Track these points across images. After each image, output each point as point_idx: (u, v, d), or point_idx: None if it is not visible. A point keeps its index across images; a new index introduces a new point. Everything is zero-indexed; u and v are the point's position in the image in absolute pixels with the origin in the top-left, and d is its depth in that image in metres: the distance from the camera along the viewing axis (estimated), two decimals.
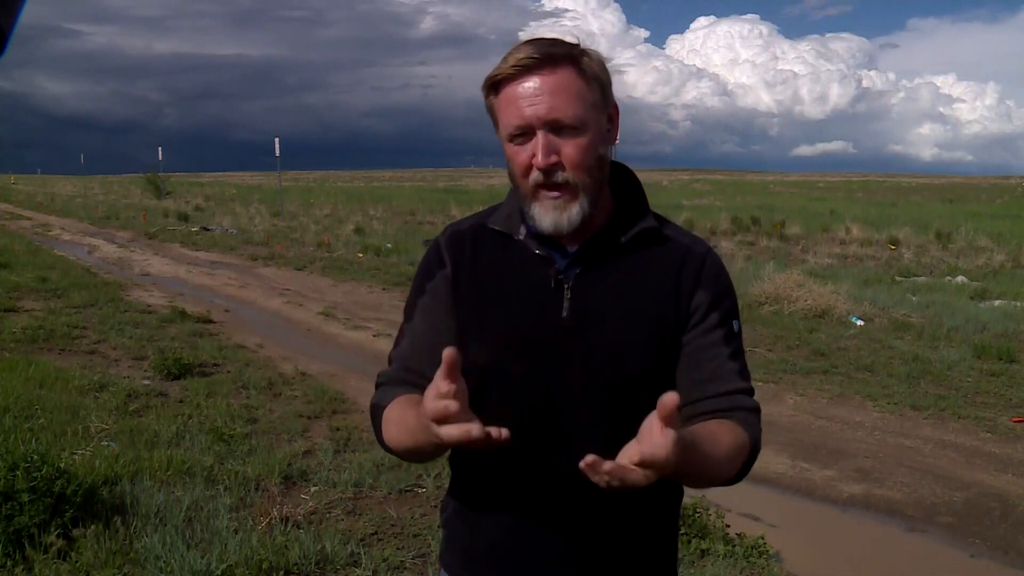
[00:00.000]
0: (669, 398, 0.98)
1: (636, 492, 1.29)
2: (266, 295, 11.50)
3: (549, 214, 1.25)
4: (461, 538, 1.40)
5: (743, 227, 21.50)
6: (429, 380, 1.22)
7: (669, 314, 1.28)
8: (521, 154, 1.25)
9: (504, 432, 1.03)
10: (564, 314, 1.28)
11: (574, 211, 1.25)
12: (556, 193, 1.25)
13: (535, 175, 1.25)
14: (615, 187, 1.34)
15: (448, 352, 1.02)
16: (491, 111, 1.30)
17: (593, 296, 1.29)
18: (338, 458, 4.59)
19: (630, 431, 1.21)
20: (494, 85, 1.27)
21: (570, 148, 1.23)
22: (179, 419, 5.08)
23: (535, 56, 1.22)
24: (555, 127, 1.23)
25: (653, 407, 1.28)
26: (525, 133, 1.24)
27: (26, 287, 10.46)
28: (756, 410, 1.31)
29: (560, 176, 1.24)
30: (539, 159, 1.22)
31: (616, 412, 1.27)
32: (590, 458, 0.99)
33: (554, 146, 1.23)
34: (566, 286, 1.29)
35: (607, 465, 0.99)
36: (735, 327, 1.32)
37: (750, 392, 1.32)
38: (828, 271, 13.33)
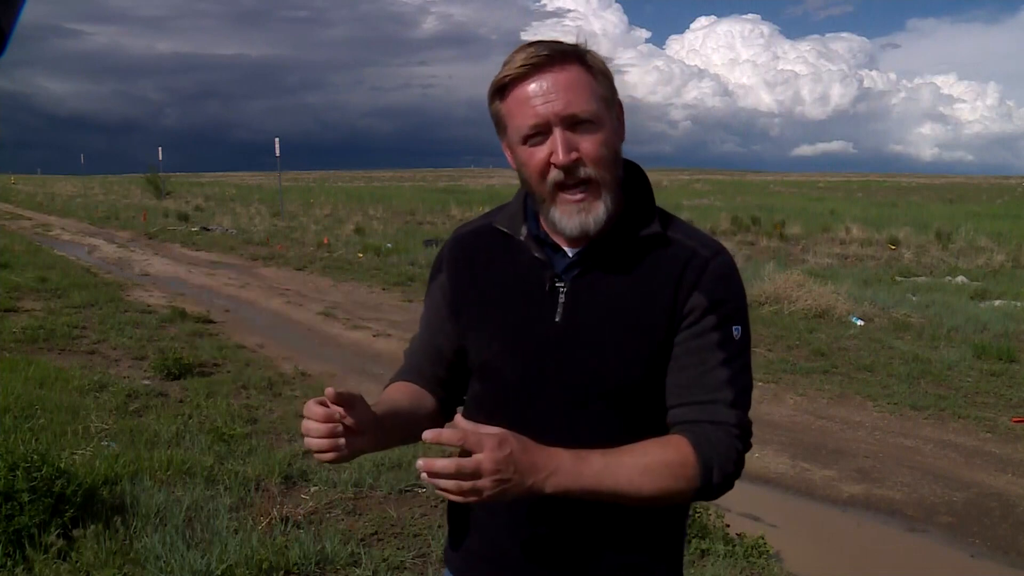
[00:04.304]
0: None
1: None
2: (266, 295, 11.50)
3: (574, 217, 1.22)
4: (464, 538, 1.40)
5: (743, 227, 21.48)
6: (427, 373, 1.39)
7: (664, 321, 1.23)
8: (537, 155, 1.21)
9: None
10: (557, 319, 1.26)
11: (599, 211, 1.22)
12: (579, 195, 1.21)
13: (554, 175, 1.21)
14: (625, 186, 1.30)
15: (328, 391, 1.13)
16: (497, 116, 1.26)
17: (588, 301, 1.26)
18: None
19: (625, 437, 1.21)
20: (501, 89, 1.24)
21: (588, 144, 1.20)
22: (179, 419, 5.08)
23: (543, 53, 1.19)
24: (571, 123, 1.20)
25: (649, 413, 1.27)
26: (541, 133, 1.21)
27: (26, 287, 10.46)
28: (734, 424, 1.20)
29: (582, 172, 1.20)
30: (560, 156, 1.19)
31: (610, 418, 1.25)
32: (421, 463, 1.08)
33: (573, 142, 1.20)
34: (561, 290, 1.27)
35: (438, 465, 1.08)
36: (735, 333, 1.23)
37: (735, 404, 1.21)
38: (828, 271, 13.32)
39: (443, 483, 1.07)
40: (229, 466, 4.25)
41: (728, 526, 3.90)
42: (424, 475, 1.07)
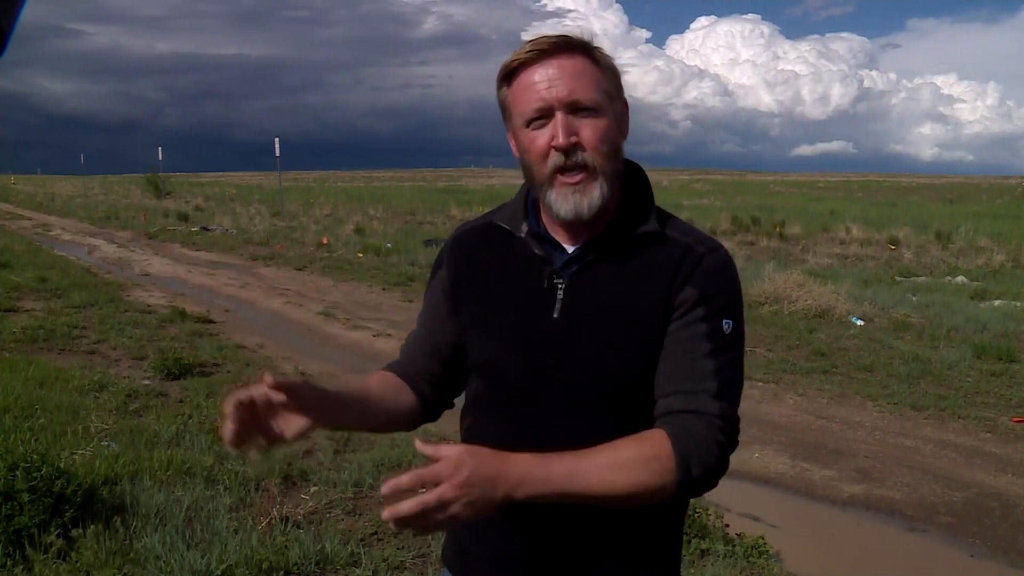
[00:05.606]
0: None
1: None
2: (266, 295, 11.50)
3: (569, 199, 1.23)
4: (463, 538, 1.40)
5: (743, 227, 21.49)
6: (420, 369, 1.40)
7: (659, 316, 1.24)
8: (539, 139, 1.24)
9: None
10: (555, 315, 1.27)
11: (595, 195, 1.23)
12: (577, 178, 1.23)
13: (554, 158, 1.23)
14: (624, 185, 1.31)
15: (266, 378, 1.17)
16: (503, 102, 1.29)
17: (587, 298, 1.27)
18: (338, 458, 4.59)
19: (625, 434, 1.20)
20: (508, 75, 1.26)
21: (588, 130, 1.22)
22: (179, 419, 5.08)
23: (552, 40, 1.22)
24: (574, 109, 1.22)
25: (647, 410, 1.27)
26: (544, 116, 1.23)
27: (26, 287, 10.45)
28: (717, 415, 1.19)
29: (580, 157, 1.22)
30: (560, 138, 1.21)
31: (608, 415, 1.25)
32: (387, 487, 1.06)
33: (573, 127, 1.22)
34: (559, 287, 1.28)
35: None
36: (725, 326, 1.23)
37: (720, 396, 1.20)
38: (828, 271, 13.32)
39: (416, 524, 1.06)
40: (229, 466, 4.24)
41: (728, 526, 3.90)
42: (393, 525, 1.05)
